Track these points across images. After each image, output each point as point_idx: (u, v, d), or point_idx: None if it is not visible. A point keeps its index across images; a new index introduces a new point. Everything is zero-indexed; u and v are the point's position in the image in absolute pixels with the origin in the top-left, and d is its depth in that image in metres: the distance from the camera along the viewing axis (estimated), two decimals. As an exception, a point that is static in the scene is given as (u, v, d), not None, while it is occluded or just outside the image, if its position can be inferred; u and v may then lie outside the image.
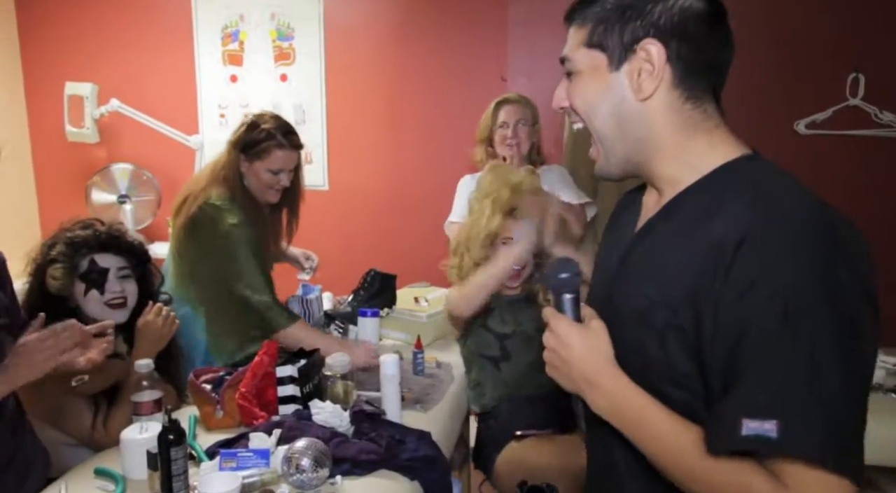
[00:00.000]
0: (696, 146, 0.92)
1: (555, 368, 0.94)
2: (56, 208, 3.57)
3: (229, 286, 2.04)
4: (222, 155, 2.14)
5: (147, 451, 1.39)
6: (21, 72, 3.55)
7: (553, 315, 0.95)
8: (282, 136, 2.11)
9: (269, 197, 2.16)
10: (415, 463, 1.53)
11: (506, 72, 3.23)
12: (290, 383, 1.70)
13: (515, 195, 2.05)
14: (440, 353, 2.27)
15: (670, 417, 0.85)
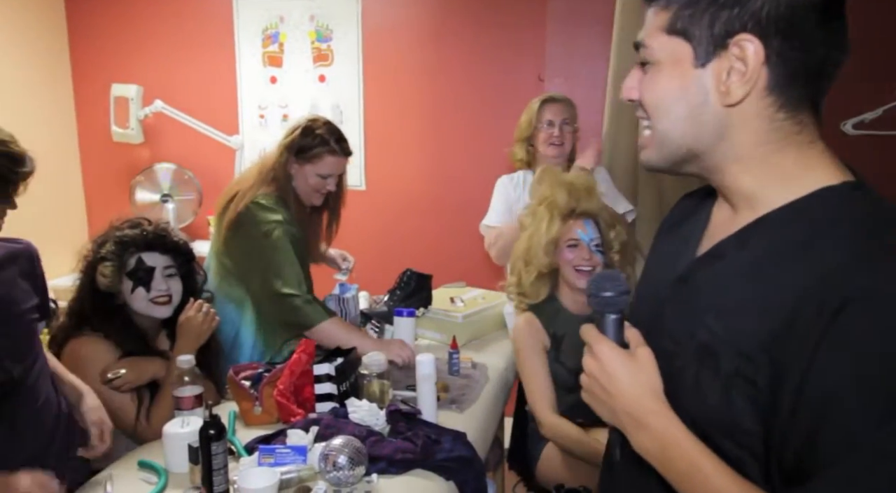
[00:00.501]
0: (783, 163, 0.78)
1: (594, 397, 0.84)
2: (102, 206, 3.68)
3: (269, 283, 2.07)
4: (272, 156, 2.18)
5: (188, 445, 1.43)
6: (70, 74, 3.67)
7: (595, 338, 0.84)
8: (335, 142, 2.15)
9: (314, 200, 2.21)
10: (450, 463, 1.54)
11: (543, 72, 3.22)
12: (328, 381, 1.73)
13: (572, 196, 2.04)
14: (476, 353, 2.27)
15: (727, 474, 0.74)
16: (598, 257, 2.02)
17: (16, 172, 1.35)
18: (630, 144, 2.94)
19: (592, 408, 0.85)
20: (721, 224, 0.85)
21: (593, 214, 2.05)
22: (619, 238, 2.07)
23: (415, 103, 3.39)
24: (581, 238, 2.02)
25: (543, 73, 3.22)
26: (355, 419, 1.64)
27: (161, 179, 3.42)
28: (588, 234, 2.03)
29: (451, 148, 3.38)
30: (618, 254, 2.06)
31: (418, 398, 1.76)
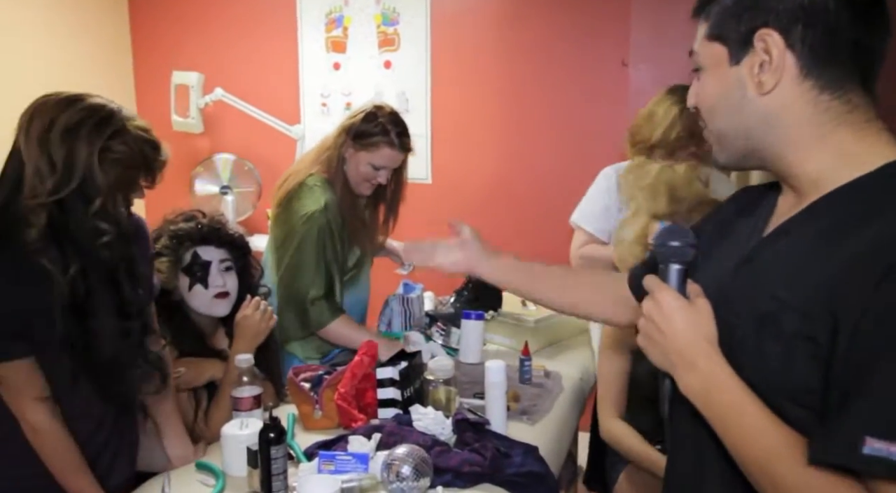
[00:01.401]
0: (841, 142, 0.87)
1: (649, 339, 0.93)
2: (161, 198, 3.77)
3: (284, 277, 2.14)
4: (330, 136, 2.22)
5: (247, 448, 1.46)
6: (131, 61, 3.83)
7: (657, 284, 0.93)
8: (395, 135, 2.17)
9: (362, 189, 2.22)
10: (521, 479, 1.53)
11: (627, 56, 3.15)
12: (391, 386, 1.74)
13: (647, 197, 1.98)
14: (549, 361, 2.25)
15: (767, 414, 0.83)
16: None
17: (157, 160, 1.43)
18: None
19: (645, 352, 0.94)
20: (787, 210, 0.94)
21: (670, 217, 1.99)
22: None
23: (486, 91, 3.38)
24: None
25: (627, 58, 3.16)
26: (420, 428, 1.64)
27: (220, 170, 3.53)
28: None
29: (524, 139, 3.36)
30: None
31: (487, 408, 1.75)
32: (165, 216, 1.89)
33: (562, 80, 3.27)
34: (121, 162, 1.36)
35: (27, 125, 1.34)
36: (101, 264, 1.35)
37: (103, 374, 1.37)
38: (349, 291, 2.26)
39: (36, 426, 1.36)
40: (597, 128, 3.26)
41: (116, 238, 1.37)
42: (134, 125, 1.41)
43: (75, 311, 1.33)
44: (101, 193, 1.34)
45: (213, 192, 3.53)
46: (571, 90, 3.27)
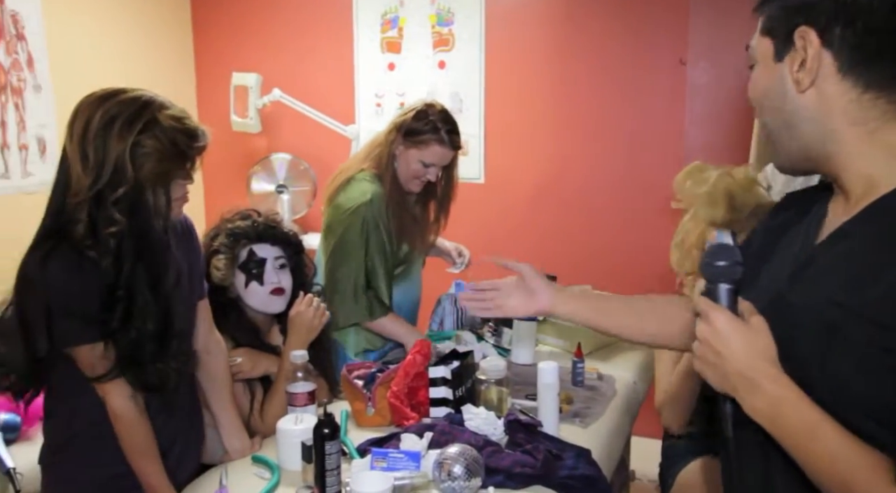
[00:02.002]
0: (892, 140, 0.86)
1: (706, 362, 0.89)
2: (219, 196, 3.91)
3: (327, 270, 2.17)
4: (382, 133, 2.26)
5: (302, 443, 1.48)
6: (193, 63, 3.93)
7: (710, 305, 0.90)
8: (446, 132, 2.19)
9: (411, 186, 2.25)
10: (573, 482, 1.52)
11: (685, 54, 3.09)
12: (443, 385, 1.75)
13: (705, 204, 1.94)
14: (602, 364, 2.23)
15: (843, 435, 0.80)
16: None
17: (192, 148, 1.44)
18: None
19: (704, 376, 0.90)
20: (841, 213, 0.92)
21: (729, 225, 1.94)
22: None
23: (540, 90, 3.36)
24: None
25: (685, 56, 3.09)
26: (471, 427, 1.64)
27: (277, 170, 3.59)
28: None
29: (578, 139, 3.33)
30: None
31: (539, 409, 1.74)
32: (222, 215, 1.93)
33: (617, 80, 3.23)
34: (152, 156, 1.37)
35: (70, 126, 1.39)
36: (132, 257, 1.38)
37: (134, 365, 1.40)
38: (399, 287, 2.28)
39: (116, 410, 1.41)
40: (652, 128, 3.21)
41: (141, 230, 1.39)
42: (168, 115, 1.40)
43: (115, 302, 1.37)
44: (128, 184, 1.36)
45: (269, 191, 3.59)
46: (627, 89, 3.22)
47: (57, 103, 3.13)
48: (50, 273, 1.34)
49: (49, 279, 1.34)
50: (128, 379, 1.41)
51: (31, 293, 1.36)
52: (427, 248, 2.45)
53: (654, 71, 3.17)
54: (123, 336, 1.38)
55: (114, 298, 1.37)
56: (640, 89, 3.19)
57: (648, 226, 3.19)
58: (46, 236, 1.38)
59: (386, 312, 2.19)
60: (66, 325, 1.36)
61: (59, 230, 1.37)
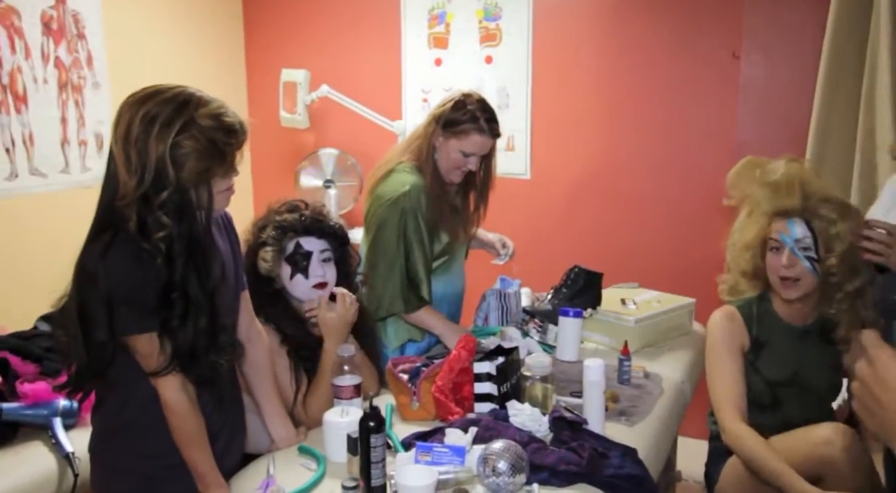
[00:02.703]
0: None
1: (864, 407, 0.83)
2: (268, 191, 3.97)
3: (368, 257, 2.19)
4: (421, 126, 2.27)
5: (347, 435, 1.50)
6: (244, 60, 4.00)
7: (875, 342, 0.82)
8: (485, 121, 2.19)
9: (452, 177, 2.25)
10: (619, 481, 1.50)
11: (739, 48, 3.02)
12: (488, 381, 1.75)
13: (774, 192, 1.90)
14: (649, 362, 2.20)
15: None
16: (804, 265, 1.87)
17: (231, 144, 1.45)
18: (845, 132, 2.68)
19: (861, 418, 0.83)
20: None
21: (801, 213, 1.89)
22: (843, 239, 1.86)
23: (587, 85, 3.32)
24: (783, 240, 1.88)
25: (739, 50, 3.02)
26: (516, 423, 1.64)
27: (325, 165, 3.63)
28: (792, 235, 1.88)
29: (626, 135, 3.28)
30: (837, 258, 1.86)
31: (584, 406, 1.73)
32: (270, 206, 1.97)
33: (666, 74, 3.17)
34: (191, 156, 1.39)
35: (114, 127, 1.41)
36: (183, 257, 1.40)
37: (184, 356, 1.43)
38: (441, 279, 2.29)
39: (169, 401, 1.44)
40: (703, 123, 3.15)
41: (189, 231, 1.41)
42: (206, 113, 1.41)
43: (172, 301, 1.40)
44: (171, 186, 1.38)
45: (317, 185, 3.64)
46: (676, 84, 3.16)
47: (113, 100, 3.22)
48: (110, 264, 1.38)
49: (110, 270, 1.38)
50: (184, 374, 1.44)
51: (91, 285, 1.39)
52: (468, 238, 2.46)
53: (705, 65, 3.10)
54: (182, 333, 1.41)
55: (170, 297, 1.40)
56: (690, 83, 3.13)
57: (695, 223, 3.13)
58: (102, 230, 1.42)
59: (423, 304, 2.19)
60: (127, 314, 1.40)
61: (111, 225, 1.40)
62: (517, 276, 2.55)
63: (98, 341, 1.41)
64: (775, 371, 1.94)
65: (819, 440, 1.71)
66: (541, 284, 2.61)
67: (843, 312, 1.90)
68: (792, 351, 1.95)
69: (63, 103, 3.06)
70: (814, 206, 1.88)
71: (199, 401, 1.49)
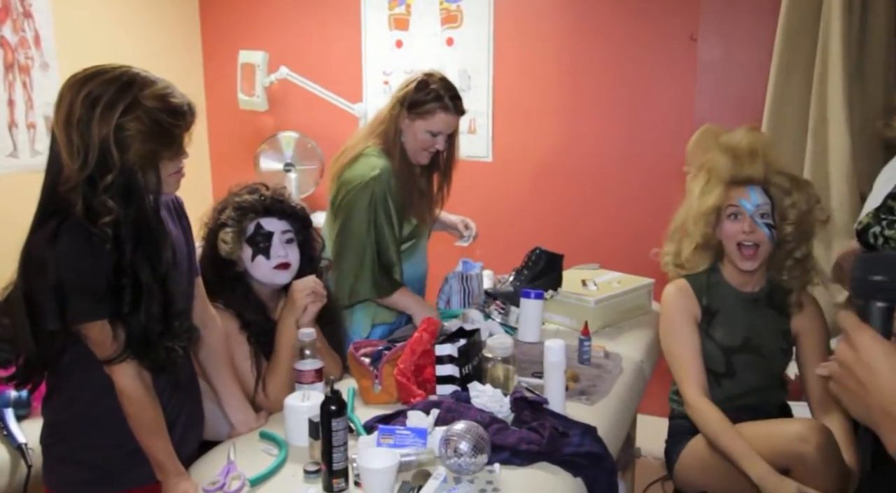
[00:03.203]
0: None
1: (846, 390, 0.81)
2: (227, 175, 3.91)
3: (337, 243, 2.18)
4: (384, 109, 2.26)
5: (309, 419, 1.49)
6: (200, 41, 3.91)
7: (855, 325, 0.80)
8: (449, 99, 2.20)
9: (420, 158, 2.25)
10: (579, 459, 1.52)
11: (696, 30, 3.05)
12: (450, 363, 1.75)
13: (733, 160, 1.93)
14: (609, 342, 2.22)
15: None
16: (763, 232, 1.91)
17: (178, 126, 1.42)
18: (799, 113, 2.73)
19: (842, 403, 0.82)
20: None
21: (761, 181, 1.93)
22: (797, 208, 1.92)
23: (549, 68, 3.32)
24: (743, 207, 1.91)
25: (696, 32, 3.05)
26: (478, 405, 1.65)
27: (284, 148, 3.58)
28: (752, 201, 1.91)
29: (587, 117, 3.30)
30: (792, 226, 1.92)
31: (545, 387, 1.75)
32: (230, 188, 1.94)
33: (626, 57, 3.19)
34: (136, 139, 1.35)
35: (56, 109, 1.37)
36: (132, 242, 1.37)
37: (137, 342, 1.41)
38: (407, 263, 2.28)
39: (125, 390, 1.41)
40: (662, 105, 3.18)
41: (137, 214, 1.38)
42: (151, 93, 1.37)
43: (122, 287, 1.37)
44: (116, 169, 1.34)
45: (276, 169, 3.58)
46: (637, 66, 3.18)
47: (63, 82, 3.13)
48: (60, 251, 1.34)
49: (59, 258, 1.34)
50: (139, 361, 1.41)
51: (39, 273, 1.35)
52: (433, 220, 2.45)
53: (664, 47, 3.13)
54: (134, 319, 1.38)
55: (120, 283, 1.37)
56: (650, 66, 3.15)
57: (654, 204, 3.15)
58: (48, 217, 1.38)
59: (396, 287, 2.19)
60: (79, 302, 1.36)
61: (57, 211, 1.36)
62: (479, 258, 2.56)
63: (48, 331, 1.38)
64: (728, 337, 1.98)
65: (793, 435, 1.71)
66: (503, 266, 2.62)
67: (795, 278, 1.96)
68: (743, 317, 1.99)
69: (10, 85, 2.95)
70: (772, 175, 1.93)
71: (156, 388, 1.46)
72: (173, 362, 1.46)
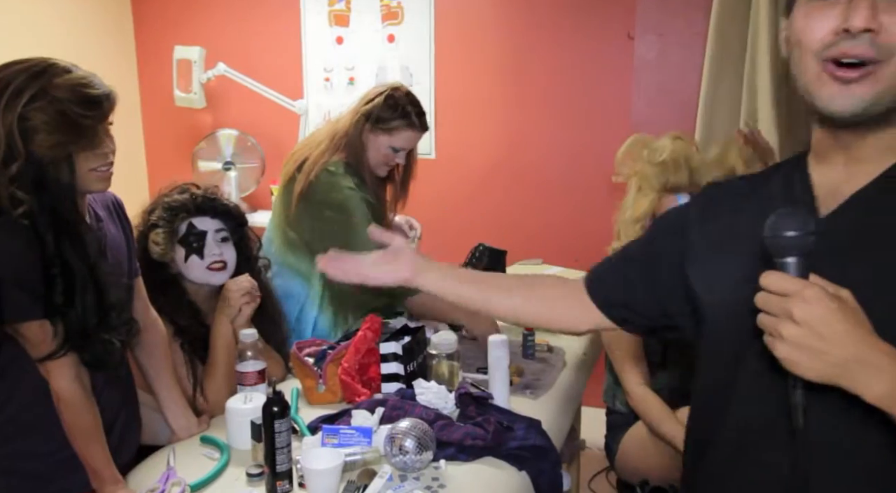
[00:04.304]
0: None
1: (807, 349, 0.77)
2: (163, 174, 3.80)
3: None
4: (346, 121, 2.20)
5: (251, 422, 1.47)
6: (133, 35, 3.80)
7: (796, 282, 0.78)
8: (416, 116, 2.19)
9: (380, 171, 2.25)
10: (523, 452, 1.54)
11: (633, 28, 3.11)
12: (394, 361, 1.74)
13: (660, 169, 1.98)
14: (552, 337, 2.24)
15: None
16: None
17: (86, 116, 1.35)
18: (730, 111, 2.82)
19: (795, 366, 0.78)
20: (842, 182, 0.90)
21: (687, 188, 1.98)
22: None
23: (490, 65, 3.34)
24: None
25: (633, 30, 3.12)
26: (423, 402, 1.65)
27: (223, 146, 3.51)
28: None
29: (529, 113, 3.33)
30: None
31: (490, 382, 1.76)
32: (160, 190, 1.89)
33: (567, 54, 3.23)
34: (40, 129, 1.31)
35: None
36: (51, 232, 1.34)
37: (81, 340, 1.37)
38: None
39: (61, 392, 1.37)
40: (601, 103, 3.24)
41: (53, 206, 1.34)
42: (63, 82, 1.33)
43: (52, 277, 1.34)
44: (21, 158, 1.30)
45: (215, 168, 3.51)
46: (577, 64, 3.23)
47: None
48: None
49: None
50: (77, 354, 1.37)
51: None
52: (388, 228, 2.44)
53: (603, 45, 3.18)
54: (70, 311, 1.34)
55: (50, 274, 1.33)
56: (589, 64, 3.21)
57: (598, 201, 3.22)
58: None
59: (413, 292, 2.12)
60: (17, 298, 1.32)
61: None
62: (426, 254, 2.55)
63: None
64: None
65: None
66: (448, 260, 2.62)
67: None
68: None
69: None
70: (698, 179, 1.99)
71: (93, 389, 1.42)
72: (110, 357, 1.42)
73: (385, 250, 1.29)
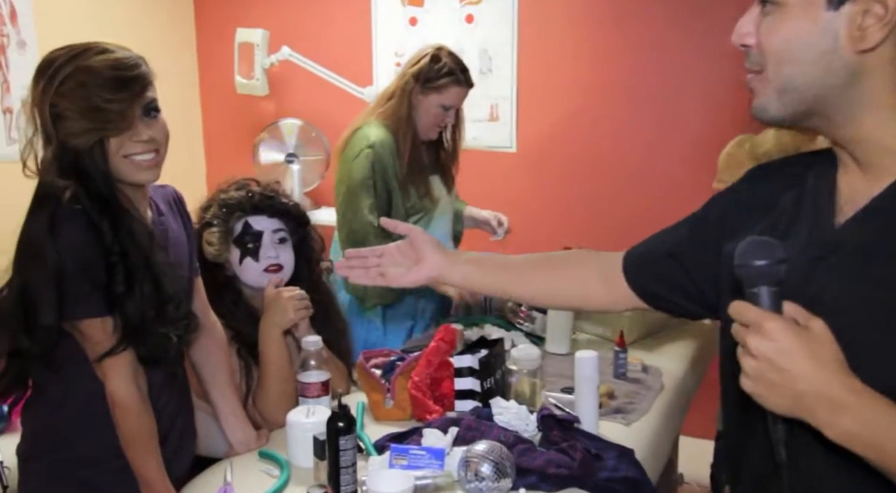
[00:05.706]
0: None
1: (768, 384, 0.83)
2: (223, 166, 3.93)
3: (340, 222, 2.34)
4: (393, 84, 2.46)
5: (314, 437, 1.49)
6: (193, 18, 3.94)
7: (759, 314, 0.84)
8: (460, 72, 2.42)
9: (431, 134, 2.46)
10: (614, 485, 1.51)
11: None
12: (470, 376, 1.75)
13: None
14: (647, 355, 2.22)
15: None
16: None
17: (112, 101, 1.38)
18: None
19: (762, 399, 0.84)
20: (862, 187, 0.93)
21: None
22: None
23: (581, 50, 3.31)
24: None
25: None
26: (501, 422, 1.65)
27: (286, 137, 3.60)
28: None
29: (621, 105, 3.29)
30: None
31: (576, 403, 1.74)
32: (218, 185, 1.94)
33: (669, 39, 3.17)
34: (66, 115, 1.37)
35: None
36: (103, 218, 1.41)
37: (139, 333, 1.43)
38: None
39: (117, 395, 1.42)
40: (697, 92, 3.16)
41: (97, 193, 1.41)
42: (96, 62, 1.38)
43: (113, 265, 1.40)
44: (55, 143, 1.38)
45: (277, 160, 3.60)
46: (680, 51, 3.16)
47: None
48: (61, 235, 1.37)
49: (60, 242, 1.37)
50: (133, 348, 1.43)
51: (37, 261, 1.38)
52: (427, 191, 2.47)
53: (712, 29, 3.10)
54: (130, 300, 1.41)
55: (110, 262, 1.39)
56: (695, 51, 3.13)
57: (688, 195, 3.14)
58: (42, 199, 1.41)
59: None
60: (80, 293, 1.39)
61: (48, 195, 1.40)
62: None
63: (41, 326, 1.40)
64: None
65: None
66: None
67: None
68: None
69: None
70: None
71: (150, 394, 1.47)
72: (167, 352, 1.48)
73: (402, 243, 1.38)
